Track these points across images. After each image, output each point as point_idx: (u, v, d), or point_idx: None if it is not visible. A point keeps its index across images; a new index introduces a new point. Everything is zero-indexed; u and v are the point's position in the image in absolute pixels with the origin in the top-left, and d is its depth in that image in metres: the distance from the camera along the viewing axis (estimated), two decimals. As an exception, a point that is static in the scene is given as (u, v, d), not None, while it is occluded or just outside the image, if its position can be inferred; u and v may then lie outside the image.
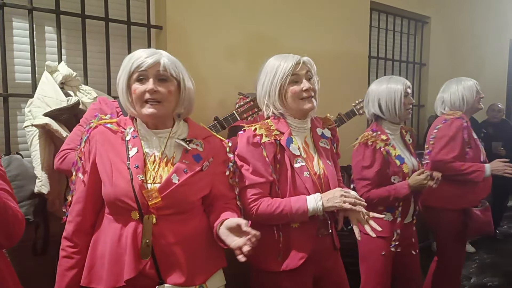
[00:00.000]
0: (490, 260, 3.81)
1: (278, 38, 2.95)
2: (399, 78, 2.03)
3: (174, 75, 1.24)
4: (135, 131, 1.28)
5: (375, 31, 3.87)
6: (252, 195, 1.41)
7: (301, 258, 1.43)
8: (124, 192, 1.18)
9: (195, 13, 2.55)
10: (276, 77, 1.44)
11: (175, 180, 1.21)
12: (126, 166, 1.20)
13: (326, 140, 1.56)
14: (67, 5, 2.21)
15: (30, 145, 1.91)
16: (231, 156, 1.38)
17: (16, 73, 2.12)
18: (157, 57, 1.21)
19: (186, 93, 1.28)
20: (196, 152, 1.29)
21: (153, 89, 1.20)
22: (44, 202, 1.93)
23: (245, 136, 1.45)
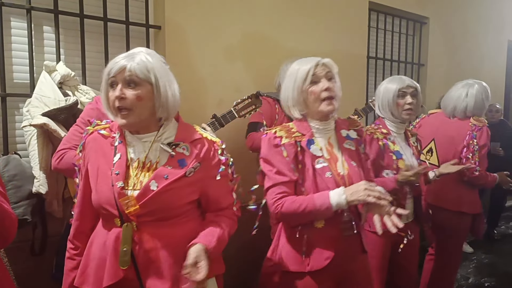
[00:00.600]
0: (488, 260, 3.81)
1: (277, 38, 2.95)
2: (398, 78, 2.04)
3: (145, 78, 1.16)
4: (122, 136, 1.26)
5: (373, 32, 3.87)
6: (276, 194, 1.42)
7: (327, 259, 1.43)
8: (106, 199, 1.19)
9: (194, 13, 2.55)
10: (296, 80, 1.46)
11: (153, 187, 1.17)
12: (110, 172, 1.20)
13: (352, 142, 1.55)
14: (65, 5, 2.21)
15: (28, 145, 1.91)
16: (224, 158, 1.30)
17: (14, 73, 2.12)
18: (125, 62, 1.16)
19: (162, 97, 1.19)
20: (182, 156, 1.23)
21: (119, 95, 1.15)
22: (42, 202, 1.93)
23: (266, 139, 1.48)
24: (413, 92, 2.01)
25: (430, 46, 4.37)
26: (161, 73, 1.20)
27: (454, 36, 4.61)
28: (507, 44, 5.45)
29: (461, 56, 4.71)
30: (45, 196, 1.88)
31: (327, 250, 1.43)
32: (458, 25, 4.64)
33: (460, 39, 4.69)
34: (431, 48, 4.38)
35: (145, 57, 1.19)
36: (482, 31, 4.97)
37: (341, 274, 1.50)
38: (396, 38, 4.15)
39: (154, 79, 1.17)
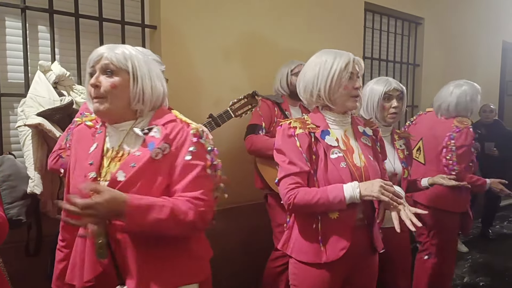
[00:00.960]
0: (482, 260, 3.83)
1: (273, 38, 2.95)
2: (385, 80, 1.99)
3: (122, 66, 1.13)
4: (103, 126, 1.23)
5: (369, 32, 3.88)
6: (289, 185, 1.42)
7: (342, 249, 1.42)
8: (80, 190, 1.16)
9: (190, 13, 2.55)
10: (332, 71, 1.44)
11: (120, 177, 1.10)
12: (86, 163, 1.17)
13: (368, 138, 1.56)
14: (60, 4, 2.20)
15: (22, 145, 1.90)
16: (196, 139, 1.17)
17: (8, 73, 2.10)
18: (103, 50, 1.14)
19: (139, 88, 1.14)
20: (152, 139, 1.14)
21: (94, 83, 1.13)
22: (37, 203, 1.92)
23: (281, 129, 1.49)
24: (399, 96, 1.97)
25: (426, 46, 4.39)
26: (141, 63, 1.16)
27: (450, 36, 4.64)
28: (501, 44, 5.49)
29: (456, 57, 4.74)
30: (39, 197, 1.87)
31: (342, 241, 1.43)
32: (453, 25, 4.66)
33: (455, 40, 4.71)
34: (426, 48, 4.40)
35: (127, 48, 1.17)
36: (477, 31, 5.00)
37: (351, 267, 1.50)
38: (392, 38, 4.17)
39: (132, 68, 1.14)
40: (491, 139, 4.31)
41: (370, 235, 1.52)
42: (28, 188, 1.83)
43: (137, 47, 1.61)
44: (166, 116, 1.20)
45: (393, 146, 2.06)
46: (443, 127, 2.45)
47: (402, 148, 2.07)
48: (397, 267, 2.07)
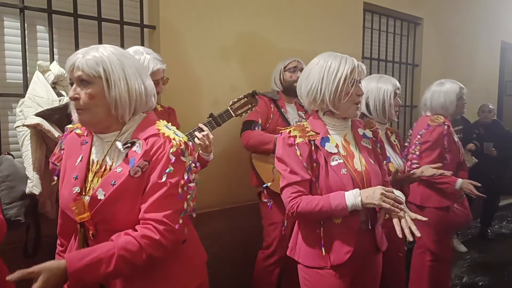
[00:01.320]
0: (481, 260, 3.84)
1: (271, 38, 2.95)
2: (389, 78, 2.05)
3: (96, 74, 1.07)
4: (89, 136, 1.20)
5: (368, 32, 3.89)
6: (291, 194, 1.43)
7: (347, 252, 1.44)
8: (65, 204, 1.15)
9: (189, 13, 2.54)
10: (337, 77, 1.42)
11: (100, 195, 1.08)
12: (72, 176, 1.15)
13: (368, 140, 1.57)
14: (59, 4, 2.19)
15: (21, 146, 1.89)
16: (174, 159, 1.10)
17: (7, 73, 2.10)
18: (74, 58, 1.08)
19: (113, 92, 1.08)
20: (133, 155, 1.10)
21: (72, 96, 1.09)
22: (35, 203, 1.91)
23: (281, 138, 1.49)
24: (400, 94, 2.07)
25: (424, 46, 4.39)
26: (115, 67, 1.08)
27: (448, 36, 4.64)
28: (500, 44, 5.50)
29: (455, 57, 4.74)
30: (38, 197, 1.86)
31: (347, 245, 1.44)
32: (452, 25, 4.67)
33: (454, 40, 4.72)
34: (425, 48, 4.40)
35: (99, 50, 1.10)
36: (475, 31, 5.01)
37: (358, 268, 1.52)
38: (391, 38, 4.17)
39: (104, 73, 1.07)
40: (490, 139, 4.32)
41: (374, 236, 1.53)
42: (27, 189, 1.83)
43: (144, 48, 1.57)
44: (149, 129, 1.14)
45: (390, 143, 2.08)
46: (419, 125, 2.51)
47: (396, 143, 2.14)
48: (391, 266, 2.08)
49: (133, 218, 1.10)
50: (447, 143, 2.39)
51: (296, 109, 2.54)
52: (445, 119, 2.43)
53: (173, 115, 2.12)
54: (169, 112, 2.11)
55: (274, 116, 2.42)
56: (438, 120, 2.42)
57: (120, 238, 1.05)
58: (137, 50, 1.85)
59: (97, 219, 1.10)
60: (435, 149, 2.38)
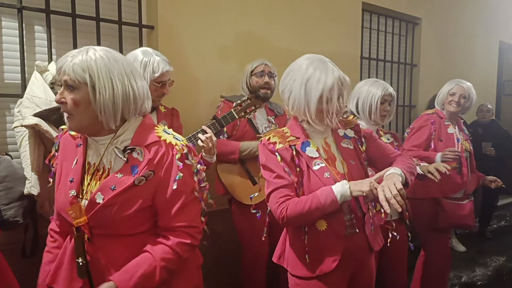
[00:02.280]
0: (480, 259, 3.85)
1: (270, 38, 2.95)
2: (382, 84, 2.08)
3: (81, 80, 1.04)
4: (83, 138, 1.18)
5: (366, 32, 3.89)
6: (279, 199, 1.38)
7: (335, 261, 1.41)
8: (61, 207, 1.14)
9: (187, 13, 2.54)
10: (317, 90, 1.36)
11: (99, 199, 1.07)
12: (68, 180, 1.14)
13: (349, 141, 1.53)
14: (57, 4, 2.19)
15: (19, 146, 1.89)
16: (181, 165, 1.11)
17: (5, 73, 2.09)
18: (62, 61, 1.07)
19: (98, 99, 1.05)
20: (135, 162, 1.09)
21: (59, 99, 1.08)
22: (34, 204, 1.91)
23: (261, 146, 1.47)
24: (392, 101, 2.09)
25: (423, 46, 4.40)
26: (102, 73, 1.05)
27: (446, 36, 4.65)
28: (498, 44, 5.51)
29: (453, 57, 4.75)
30: (36, 198, 1.86)
31: (334, 252, 1.41)
32: (450, 25, 4.67)
33: (452, 40, 4.73)
34: (423, 48, 4.41)
35: (89, 53, 1.07)
36: (474, 31, 5.01)
37: (352, 272, 1.50)
38: (389, 38, 4.18)
39: (90, 80, 1.04)
40: (488, 138, 4.32)
41: (365, 238, 1.50)
42: (25, 189, 1.83)
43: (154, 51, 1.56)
44: (149, 136, 1.13)
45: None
46: None
47: (390, 141, 2.17)
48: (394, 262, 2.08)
49: (129, 224, 1.10)
50: (435, 130, 2.46)
51: (265, 114, 2.43)
52: (436, 110, 2.55)
53: (176, 116, 2.12)
54: (172, 113, 2.10)
55: (241, 123, 2.31)
56: (430, 111, 2.56)
57: (157, 250, 1.10)
58: (146, 51, 1.85)
59: (93, 223, 1.10)
60: (419, 135, 2.48)
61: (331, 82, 1.36)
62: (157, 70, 1.81)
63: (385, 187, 1.27)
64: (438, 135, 2.47)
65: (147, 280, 1.07)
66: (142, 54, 1.83)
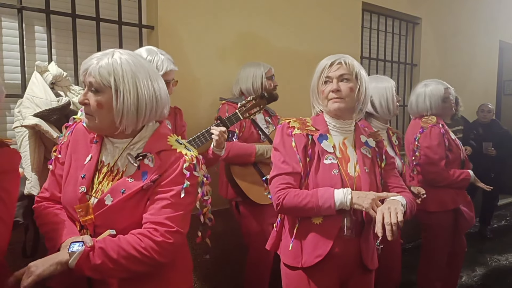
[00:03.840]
0: (480, 259, 3.84)
1: (270, 38, 2.95)
2: (384, 77, 2.14)
3: (106, 83, 1.07)
4: (99, 135, 1.20)
5: (367, 32, 3.89)
6: (280, 184, 1.40)
7: (317, 257, 1.40)
8: (68, 201, 1.16)
9: (187, 13, 2.54)
10: (315, 76, 1.49)
11: (108, 201, 1.10)
12: (80, 174, 1.16)
13: (369, 149, 1.52)
14: (57, 5, 2.19)
15: (19, 146, 1.89)
16: (188, 174, 1.13)
17: (5, 73, 2.10)
18: (89, 63, 1.09)
19: (120, 104, 1.07)
20: (146, 168, 1.13)
21: (82, 101, 1.11)
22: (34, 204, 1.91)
23: (280, 128, 1.49)
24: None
25: (423, 46, 4.40)
26: (128, 78, 1.07)
27: (446, 36, 4.65)
28: (498, 44, 5.50)
29: (453, 56, 4.75)
30: (37, 198, 1.86)
31: (320, 248, 1.39)
32: (450, 25, 4.67)
33: (452, 39, 4.72)
34: (423, 48, 4.40)
35: (114, 56, 1.09)
36: (474, 31, 5.01)
37: (343, 276, 1.46)
38: (389, 38, 4.17)
39: (114, 84, 1.07)
40: (489, 138, 4.32)
41: (359, 250, 1.45)
42: (25, 189, 1.82)
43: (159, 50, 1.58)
44: (161, 143, 1.16)
45: (391, 143, 2.10)
46: (412, 129, 2.46)
47: (397, 143, 2.17)
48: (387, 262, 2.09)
49: (131, 225, 1.12)
50: (447, 141, 2.35)
51: (262, 115, 2.47)
52: (437, 118, 2.37)
53: (179, 114, 2.13)
54: (175, 112, 2.12)
55: (246, 124, 2.36)
56: (432, 121, 2.36)
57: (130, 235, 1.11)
58: (151, 50, 1.86)
59: (98, 223, 1.13)
60: (440, 155, 2.31)
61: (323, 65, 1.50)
62: (161, 69, 1.82)
63: (387, 211, 1.25)
64: (449, 145, 2.38)
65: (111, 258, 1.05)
66: (147, 53, 1.84)
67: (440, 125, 2.36)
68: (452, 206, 2.38)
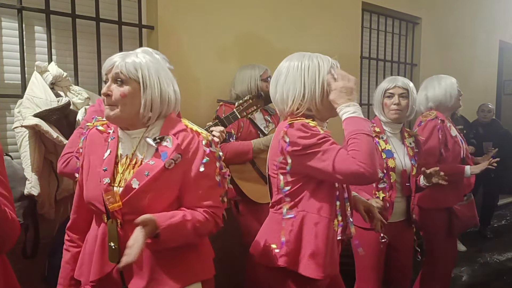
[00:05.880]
0: (481, 259, 3.85)
1: (270, 38, 2.95)
2: (391, 79, 2.11)
3: (132, 76, 1.18)
4: (115, 132, 1.27)
5: (367, 32, 3.89)
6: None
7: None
8: (94, 195, 1.21)
9: (187, 13, 2.54)
10: (320, 77, 1.36)
11: (135, 185, 1.16)
12: (100, 169, 1.21)
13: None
14: (57, 5, 2.19)
15: (19, 146, 1.89)
16: (208, 150, 1.22)
17: (5, 74, 2.09)
18: (116, 59, 1.19)
19: (148, 96, 1.19)
20: (164, 149, 1.20)
21: (105, 92, 1.18)
22: (34, 204, 1.91)
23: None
24: (403, 94, 2.03)
25: (423, 46, 4.40)
26: (151, 73, 1.20)
27: (447, 36, 4.65)
28: (498, 43, 5.50)
29: (453, 56, 4.74)
30: (37, 198, 1.86)
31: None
32: (450, 25, 4.67)
33: (452, 39, 4.72)
34: (423, 48, 4.40)
35: (138, 56, 1.21)
36: (474, 31, 5.01)
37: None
38: (389, 38, 4.17)
39: (142, 78, 1.18)
40: (489, 138, 4.32)
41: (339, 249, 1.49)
42: (25, 190, 1.82)
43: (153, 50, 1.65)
44: (177, 125, 1.25)
45: (403, 143, 2.08)
46: (415, 126, 2.48)
47: (412, 145, 2.11)
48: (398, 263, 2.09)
49: (161, 208, 1.18)
50: (442, 137, 2.32)
51: (262, 114, 2.49)
52: (437, 113, 2.37)
53: None
54: None
55: (245, 124, 2.37)
56: (430, 115, 2.37)
57: (190, 211, 1.19)
58: (146, 50, 1.85)
59: (126, 209, 1.17)
60: (429, 145, 2.31)
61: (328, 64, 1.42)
62: None
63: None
64: (444, 142, 2.36)
65: (180, 228, 1.14)
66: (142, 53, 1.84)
67: (439, 120, 2.34)
68: (443, 205, 2.38)
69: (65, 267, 1.32)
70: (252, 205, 2.32)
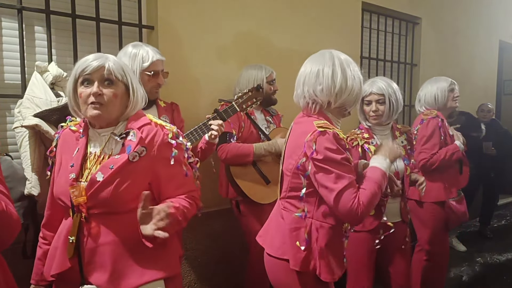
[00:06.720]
0: (480, 259, 3.85)
1: (270, 38, 2.95)
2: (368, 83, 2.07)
3: (120, 78, 1.24)
4: (85, 131, 1.30)
5: (366, 32, 3.89)
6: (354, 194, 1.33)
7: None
8: (62, 191, 1.24)
9: (187, 13, 2.54)
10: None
11: (99, 177, 1.19)
12: (69, 166, 1.25)
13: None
14: (57, 5, 2.19)
15: (19, 147, 1.89)
16: (175, 142, 1.27)
17: (5, 74, 2.10)
18: (102, 61, 1.22)
19: (135, 96, 1.27)
20: (129, 143, 1.24)
21: (97, 92, 1.20)
22: (34, 204, 1.91)
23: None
24: (380, 100, 2.01)
25: (423, 46, 4.40)
26: (130, 73, 1.28)
27: (446, 36, 4.65)
28: (498, 44, 5.50)
29: (453, 56, 4.75)
30: (37, 198, 1.86)
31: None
32: (450, 25, 4.67)
33: (452, 39, 4.73)
34: (423, 48, 4.40)
35: (115, 59, 1.27)
36: (474, 31, 5.01)
37: None
38: (389, 38, 4.17)
39: (129, 80, 1.26)
40: (489, 138, 4.32)
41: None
42: (26, 190, 1.83)
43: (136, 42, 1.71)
44: (141, 119, 1.29)
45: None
46: (415, 123, 2.58)
47: (404, 144, 2.10)
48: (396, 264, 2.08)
49: (125, 199, 1.20)
50: (443, 134, 2.45)
51: (263, 115, 2.49)
52: (438, 113, 2.49)
53: (177, 110, 2.13)
54: (173, 108, 2.12)
55: (246, 124, 2.36)
56: (431, 114, 2.49)
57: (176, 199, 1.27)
58: (136, 44, 1.93)
59: (91, 203, 1.19)
60: (433, 143, 2.43)
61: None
62: (147, 59, 1.87)
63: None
64: (445, 139, 2.48)
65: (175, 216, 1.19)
66: (132, 47, 1.90)
67: (440, 119, 2.46)
68: (434, 199, 2.47)
69: (37, 263, 1.37)
70: (254, 206, 2.32)
